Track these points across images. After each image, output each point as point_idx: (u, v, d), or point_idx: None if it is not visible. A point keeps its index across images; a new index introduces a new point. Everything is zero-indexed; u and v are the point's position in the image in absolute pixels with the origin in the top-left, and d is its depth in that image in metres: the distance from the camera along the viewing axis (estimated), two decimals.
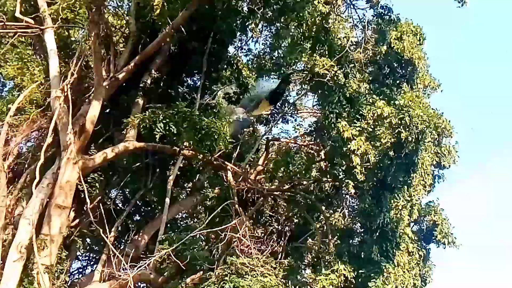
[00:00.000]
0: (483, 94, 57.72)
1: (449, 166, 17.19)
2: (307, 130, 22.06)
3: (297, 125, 22.97)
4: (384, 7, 17.39)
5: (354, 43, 17.42)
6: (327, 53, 15.56)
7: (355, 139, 14.35)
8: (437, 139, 15.67)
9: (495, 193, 55.49)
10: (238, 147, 20.02)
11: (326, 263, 15.45)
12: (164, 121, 16.05)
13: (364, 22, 17.97)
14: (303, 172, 18.91)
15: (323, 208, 18.03)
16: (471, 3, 15.26)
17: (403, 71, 16.62)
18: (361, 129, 14.61)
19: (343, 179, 15.16)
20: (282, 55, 19.11)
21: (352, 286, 14.52)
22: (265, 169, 20.81)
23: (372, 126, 14.48)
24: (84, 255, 20.68)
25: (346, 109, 14.97)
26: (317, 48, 15.29)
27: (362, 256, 14.95)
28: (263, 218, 20.12)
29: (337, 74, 14.74)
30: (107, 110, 17.62)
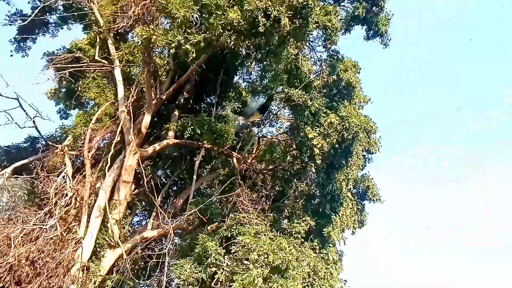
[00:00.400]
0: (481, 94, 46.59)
1: (375, 152, 17.26)
2: (284, 131, 22.15)
3: (278, 127, 23.05)
4: (334, 51, 17.37)
5: (315, 74, 17.48)
6: (298, 81, 15.54)
7: (316, 138, 14.45)
8: (367, 134, 15.71)
9: (494, 193, 44.92)
10: (240, 142, 20.04)
11: (297, 215, 15.55)
12: (191, 127, 16.20)
13: (321, 60, 18.10)
14: (282, 157, 18.98)
15: (295, 180, 18.12)
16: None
17: (346, 92, 16.58)
18: (319, 132, 14.71)
19: (308, 162, 15.24)
20: (267, 82, 19.15)
21: (313, 231, 14.67)
22: (257, 155, 20.90)
23: (326, 130, 14.57)
24: (140, 213, 20.76)
25: (310, 119, 15.04)
26: (290, 78, 15.35)
27: (320, 211, 15.07)
28: (256, 187, 20.13)
29: (305, 98, 14.81)
30: (155, 119, 17.62)
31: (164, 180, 20.10)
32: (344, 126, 14.25)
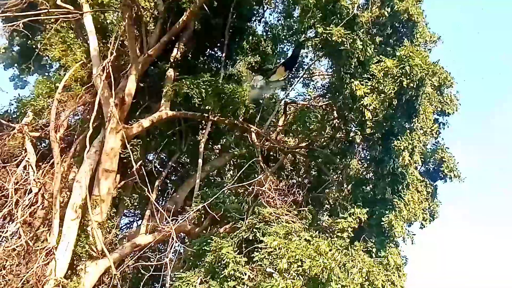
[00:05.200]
0: None
1: (453, 113, 16.93)
2: (321, 92, 21.95)
3: (312, 88, 22.86)
4: None
5: (360, 8, 16.97)
6: (337, 18, 15.13)
7: (368, 96, 14.15)
8: (439, 88, 15.33)
9: None
10: (260, 111, 19.98)
11: (342, 208, 15.51)
12: (193, 91, 16.16)
13: None
14: (319, 129, 18.87)
15: (338, 160, 18.01)
16: None
17: (405, 30, 16.12)
18: (372, 87, 14.39)
19: (356, 132, 15.06)
20: (294, 23, 18.77)
21: (367, 226, 14.60)
22: (285, 129, 20.87)
23: (381, 83, 14.19)
24: (130, 212, 21.06)
25: (358, 70, 14.72)
26: (327, 15, 14.90)
27: (376, 198, 14.95)
28: (285, 172, 20.23)
29: (349, 39, 14.37)
30: (142, 84, 17.63)
31: (159, 167, 20.27)
32: (404, 71, 13.76)
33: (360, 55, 14.36)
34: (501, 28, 49.13)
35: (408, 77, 13.69)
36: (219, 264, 12.87)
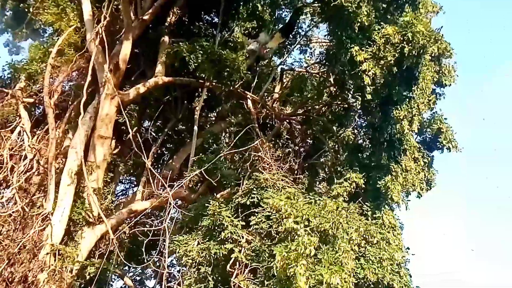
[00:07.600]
0: None
1: (450, 84, 16.87)
2: (318, 59, 21.72)
3: (310, 55, 22.63)
4: None
5: None
6: None
7: (367, 61, 13.90)
8: (438, 58, 15.19)
9: None
10: (256, 77, 19.80)
11: (339, 174, 15.53)
12: (187, 55, 15.95)
13: None
14: (315, 97, 18.76)
15: (335, 127, 17.98)
16: None
17: None
18: (372, 53, 14.13)
19: (354, 98, 14.96)
20: None
21: (363, 191, 14.65)
22: (281, 96, 20.75)
23: (381, 51, 14.01)
24: (126, 179, 21.09)
25: (359, 36, 14.51)
26: None
27: (372, 164, 15.00)
28: (281, 140, 20.23)
29: (354, 3, 14.08)
30: (137, 50, 17.37)
31: (154, 134, 20.19)
32: (406, 38, 13.55)
33: (363, 20, 14.14)
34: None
35: (410, 44, 13.52)
36: (217, 227, 12.98)
